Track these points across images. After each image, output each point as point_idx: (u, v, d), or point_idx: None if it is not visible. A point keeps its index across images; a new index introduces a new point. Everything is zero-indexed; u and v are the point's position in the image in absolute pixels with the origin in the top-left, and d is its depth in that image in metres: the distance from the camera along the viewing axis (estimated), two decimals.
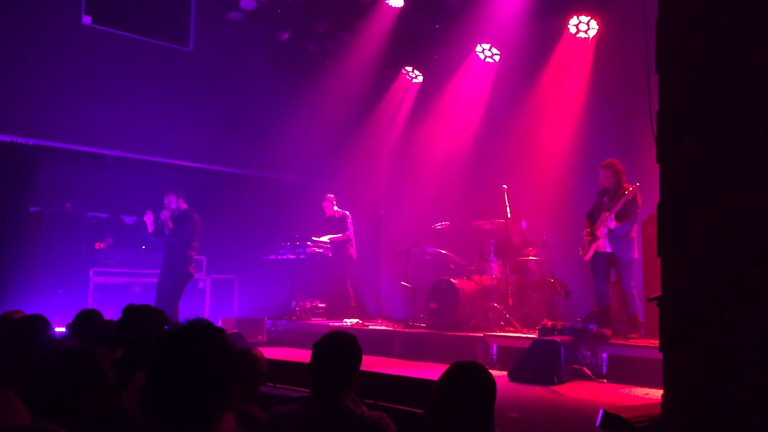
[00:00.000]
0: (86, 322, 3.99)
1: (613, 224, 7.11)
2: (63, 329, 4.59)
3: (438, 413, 2.55)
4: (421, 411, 3.96)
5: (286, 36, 11.59)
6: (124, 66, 10.54)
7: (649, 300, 6.00)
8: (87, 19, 10.45)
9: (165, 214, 8.74)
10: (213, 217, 11.12)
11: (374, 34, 10.86)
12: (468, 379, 2.56)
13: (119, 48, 10.61)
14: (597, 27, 9.38)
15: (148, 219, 8.84)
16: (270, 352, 8.01)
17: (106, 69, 10.38)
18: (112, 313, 8.68)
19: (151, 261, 10.29)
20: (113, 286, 9.88)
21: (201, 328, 1.87)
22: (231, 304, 10.98)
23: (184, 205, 8.94)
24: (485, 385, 2.56)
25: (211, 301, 10.74)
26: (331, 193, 10.71)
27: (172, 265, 8.76)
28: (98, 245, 10.17)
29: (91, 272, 9.70)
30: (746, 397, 2.39)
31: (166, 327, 3.33)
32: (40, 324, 3.63)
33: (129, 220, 11.16)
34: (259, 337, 9.52)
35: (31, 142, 9.63)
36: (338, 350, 2.90)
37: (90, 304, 9.40)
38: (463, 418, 2.51)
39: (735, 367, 2.41)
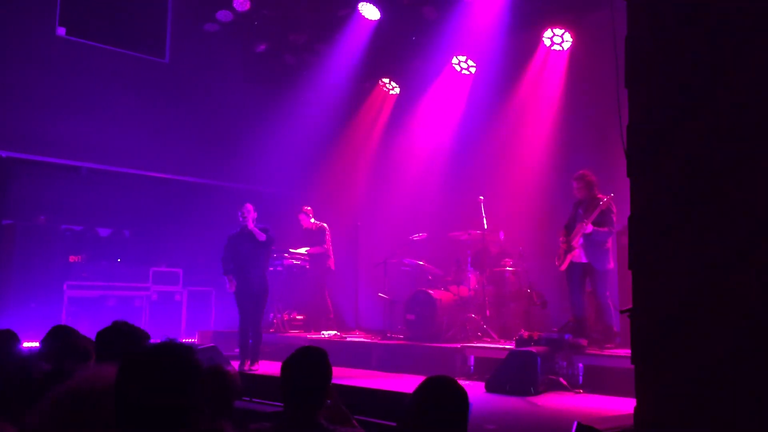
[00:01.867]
0: (59, 338, 3.93)
1: (589, 228, 7.16)
2: (36, 344, 4.52)
3: (410, 427, 2.57)
4: (394, 424, 3.96)
5: (263, 48, 11.59)
6: (99, 78, 10.47)
7: (621, 312, 6.05)
8: (61, 31, 10.37)
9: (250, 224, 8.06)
10: (189, 228, 11.05)
11: (351, 46, 10.90)
12: (440, 394, 2.58)
13: (94, 59, 10.54)
14: (571, 40, 9.49)
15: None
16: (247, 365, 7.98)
17: (81, 80, 10.29)
18: (87, 326, 8.57)
19: (127, 274, 10.21)
20: (88, 300, 9.76)
21: (165, 348, 1.90)
22: (208, 316, 10.90)
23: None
24: (457, 400, 2.57)
25: (187, 313, 10.65)
26: (308, 206, 10.66)
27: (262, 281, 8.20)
28: (72, 258, 10.06)
29: (65, 286, 9.58)
30: (717, 409, 2.42)
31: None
32: (7, 340, 3.56)
33: (104, 232, 11.06)
34: (236, 350, 9.44)
35: (3, 154, 9.52)
36: (307, 367, 2.87)
37: (64, 318, 9.29)
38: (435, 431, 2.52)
39: (705, 380, 2.44)
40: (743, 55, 2.42)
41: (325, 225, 10.51)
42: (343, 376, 7.27)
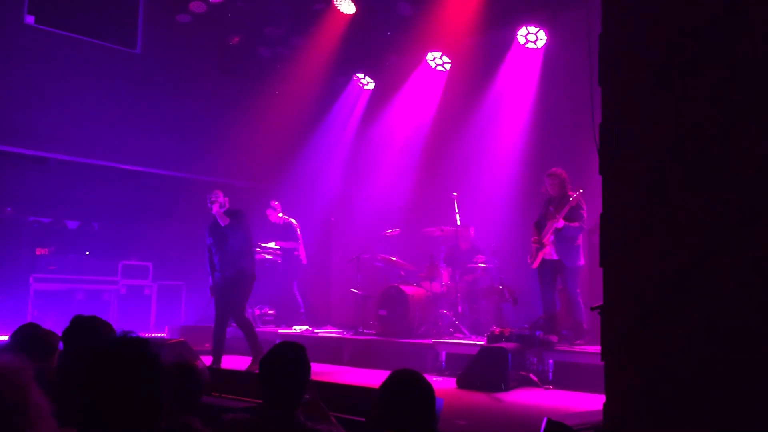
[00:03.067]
0: (25, 336, 3.86)
1: (561, 223, 7.21)
2: (5, 337, 4.43)
3: (378, 422, 2.58)
4: (363, 419, 3.96)
5: (236, 40, 11.48)
6: (69, 67, 10.28)
7: (592, 309, 6.09)
8: (30, 19, 10.15)
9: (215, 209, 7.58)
10: (160, 222, 10.93)
11: (326, 40, 10.84)
12: (405, 388, 2.59)
13: (63, 49, 10.34)
14: (545, 38, 9.54)
15: None
16: None
17: (50, 70, 10.10)
18: (53, 320, 8.44)
19: (95, 267, 10.05)
20: (55, 293, 9.59)
21: (123, 343, 1.89)
22: (178, 311, 10.78)
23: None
24: (423, 393, 2.59)
25: (157, 308, 10.52)
26: (277, 200, 10.56)
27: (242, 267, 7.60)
28: (40, 251, 9.87)
29: (31, 279, 9.40)
30: (684, 405, 2.44)
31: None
32: None
33: (72, 225, 10.88)
34: (206, 345, 9.35)
35: None
36: (286, 363, 2.85)
37: (30, 312, 9.13)
38: (402, 426, 2.53)
39: (673, 376, 2.47)
40: (714, 54, 2.44)
41: (293, 220, 10.41)
42: (315, 371, 7.20)
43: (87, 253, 10.16)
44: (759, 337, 2.24)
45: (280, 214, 10.40)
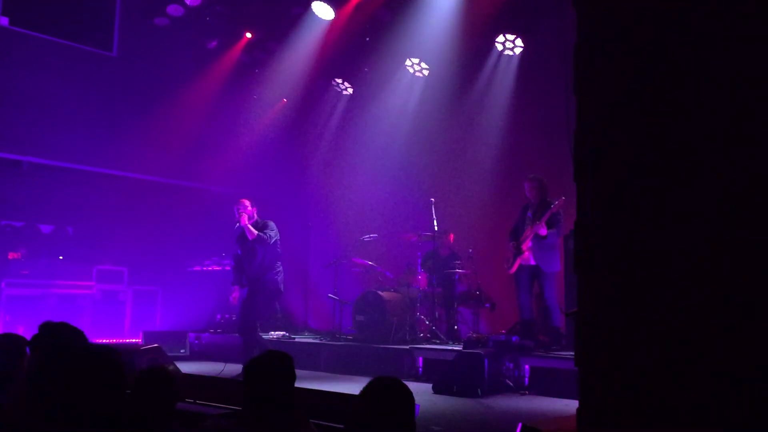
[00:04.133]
0: None
1: (544, 231, 7.24)
2: None
3: (358, 428, 2.57)
4: (342, 426, 3.94)
5: (214, 44, 11.43)
6: (43, 69, 10.15)
7: (567, 314, 6.14)
8: (4, 21, 10.02)
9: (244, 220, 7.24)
10: (136, 227, 10.82)
11: (304, 46, 10.81)
12: (385, 395, 2.59)
13: (38, 51, 10.22)
14: (522, 46, 9.62)
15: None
16: (192, 367, 7.85)
17: (24, 72, 9.96)
18: (26, 326, 8.31)
19: (69, 272, 9.92)
20: (28, 298, 9.46)
21: (89, 351, 1.91)
22: (153, 316, 10.68)
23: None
24: (403, 400, 2.59)
25: (132, 313, 10.42)
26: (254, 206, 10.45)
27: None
28: (12, 255, 9.73)
29: (3, 284, 9.26)
30: (659, 411, 2.46)
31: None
32: None
33: (46, 229, 10.74)
34: (182, 351, 9.29)
35: None
36: (271, 373, 2.81)
37: (2, 317, 8.99)
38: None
39: (648, 382, 2.49)
40: (689, 63, 2.47)
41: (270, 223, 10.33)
42: None
43: (61, 257, 10.02)
44: (742, 340, 2.27)
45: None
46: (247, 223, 7.19)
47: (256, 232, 7.18)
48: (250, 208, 7.34)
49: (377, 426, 2.54)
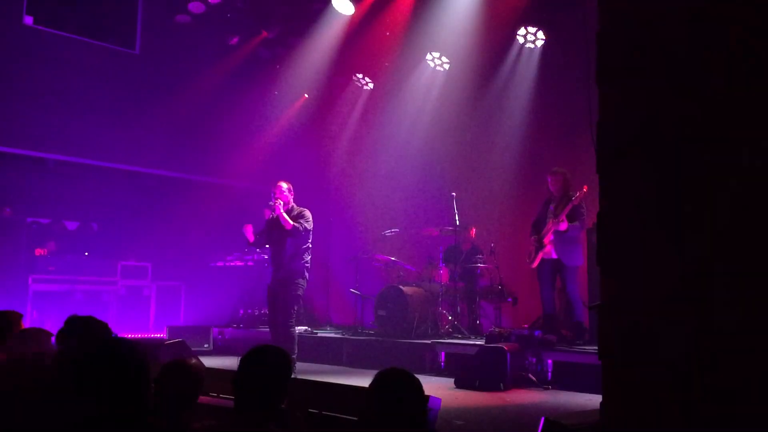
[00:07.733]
0: None
1: (565, 225, 7.18)
2: None
3: (368, 420, 2.59)
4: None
5: (235, 40, 11.48)
6: (67, 68, 10.26)
7: (590, 308, 6.07)
8: (29, 20, 10.15)
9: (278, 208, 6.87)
10: (159, 222, 10.93)
11: (325, 41, 10.82)
12: (393, 386, 2.60)
13: (62, 49, 10.33)
14: (544, 38, 9.53)
15: (248, 231, 7.17)
16: (216, 361, 7.90)
17: (49, 71, 10.08)
18: (52, 321, 8.41)
19: (94, 268, 10.04)
20: (54, 294, 9.59)
21: (111, 344, 1.95)
22: (177, 311, 10.78)
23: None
24: (411, 390, 2.60)
25: (156, 308, 10.52)
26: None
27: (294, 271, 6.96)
28: (38, 251, 9.87)
29: (30, 279, 9.40)
30: (682, 406, 2.44)
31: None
32: None
33: (71, 225, 10.88)
34: (206, 345, 9.36)
35: None
36: (263, 368, 2.67)
37: (29, 313, 9.12)
38: (394, 424, 2.54)
39: (671, 376, 2.46)
40: (716, 53, 2.43)
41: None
42: (314, 371, 7.24)
43: (86, 253, 10.15)
44: (762, 335, 2.24)
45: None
46: (282, 212, 6.83)
47: (292, 223, 6.86)
48: (287, 193, 7.02)
49: (385, 414, 2.56)
